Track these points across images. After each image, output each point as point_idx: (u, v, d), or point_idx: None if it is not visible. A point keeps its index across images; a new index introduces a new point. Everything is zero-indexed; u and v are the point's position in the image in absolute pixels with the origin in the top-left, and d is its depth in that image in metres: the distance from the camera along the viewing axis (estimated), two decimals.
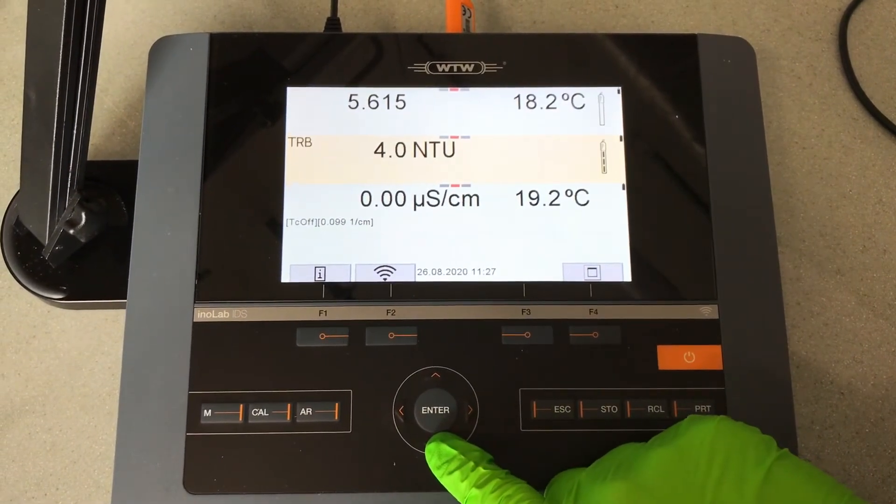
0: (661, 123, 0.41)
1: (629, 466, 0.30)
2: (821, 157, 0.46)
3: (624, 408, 0.37)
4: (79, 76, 0.35)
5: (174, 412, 0.37)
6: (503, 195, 0.40)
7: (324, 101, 0.41)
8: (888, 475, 0.40)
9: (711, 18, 0.49)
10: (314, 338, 0.38)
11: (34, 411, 0.42)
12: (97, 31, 0.35)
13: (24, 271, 0.42)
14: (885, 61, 0.48)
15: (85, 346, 0.43)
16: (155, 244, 0.39)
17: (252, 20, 0.49)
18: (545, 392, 0.37)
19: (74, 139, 0.37)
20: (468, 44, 0.42)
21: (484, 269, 0.39)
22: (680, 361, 0.38)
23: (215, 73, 0.41)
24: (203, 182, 0.39)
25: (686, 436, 0.30)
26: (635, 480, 0.29)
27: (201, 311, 0.38)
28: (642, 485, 0.29)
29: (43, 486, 0.40)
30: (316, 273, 0.39)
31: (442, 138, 0.41)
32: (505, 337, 0.38)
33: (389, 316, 0.38)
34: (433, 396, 0.37)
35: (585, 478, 0.32)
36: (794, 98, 0.47)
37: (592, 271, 0.39)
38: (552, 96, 0.41)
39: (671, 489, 0.29)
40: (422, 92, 0.41)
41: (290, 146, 0.40)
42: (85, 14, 0.34)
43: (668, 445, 0.30)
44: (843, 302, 0.43)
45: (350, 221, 0.39)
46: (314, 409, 0.37)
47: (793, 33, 0.49)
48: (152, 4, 0.49)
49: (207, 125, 0.40)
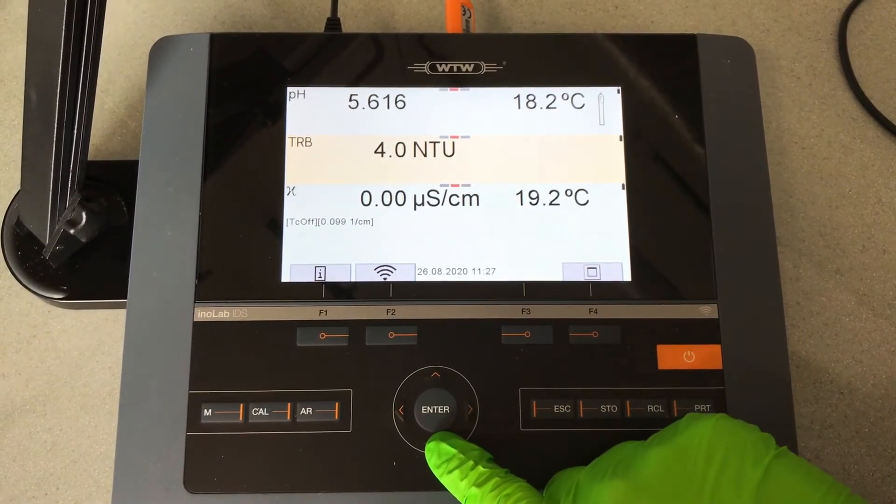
0: (661, 123, 0.41)
1: (627, 465, 0.30)
2: (820, 157, 0.46)
3: (624, 407, 0.37)
4: (79, 76, 0.35)
5: (174, 412, 0.37)
6: (503, 195, 0.40)
7: (324, 102, 0.41)
8: (888, 474, 0.40)
9: (711, 18, 0.49)
10: (314, 337, 0.38)
11: (35, 411, 0.42)
12: (98, 31, 0.35)
13: (25, 271, 0.42)
14: (884, 61, 0.48)
15: (85, 346, 0.43)
16: (155, 244, 0.39)
17: (252, 20, 0.49)
18: (545, 392, 0.37)
19: (75, 139, 0.37)
20: (468, 44, 0.42)
21: (484, 269, 0.39)
22: (680, 361, 0.38)
23: (215, 73, 0.41)
24: (203, 182, 0.39)
25: (684, 434, 0.30)
26: (634, 479, 0.29)
27: (201, 311, 0.38)
28: (641, 484, 0.29)
29: (43, 486, 0.41)
30: (316, 273, 0.39)
31: (442, 138, 0.41)
32: (505, 336, 0.38)
33: (389, 315, 0.38)
34: (433, 396, 0.37)
35: (584, 477, 0.32)
36: (793, 98, 0.48)
37: (592, 271, 0.39)
38: (552, 96, 0.41)
39: (670, 488, 0.29)
40: (422, 92, 0.41)
41: (290, 146, 0.40)
42: (85, 14, 0.34)
43: (667, 444, 0.30)
44: (843, 302, 0.43)
45: (350, 221, 0.39)
46: (314, 409, 0.37)
47: (792, 33, 0.49)
48: (153, 5, 0.49)
49: (208, 125, 0.40)
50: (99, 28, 0.35)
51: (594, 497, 0.30)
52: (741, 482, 0.28)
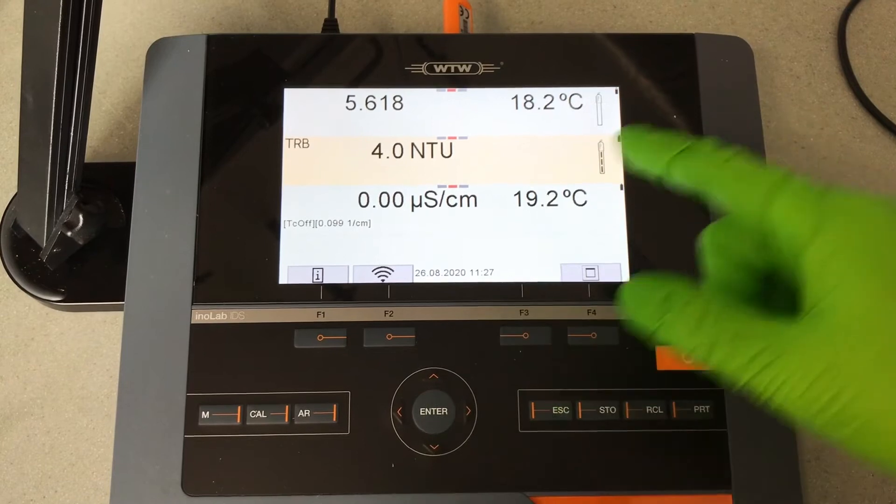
0: (659, 123, 0.41)
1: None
2: (819, 156, 0.46)
3: (622, 409, 0.37)
4: (76, 78, 0.35)
5: (172, 414, 0.37)
6: (501, 196, 0.40)
7: (321, 103, 0.41)
8: (888, 476, 0.40)
9: (710, 18, 0.49)
10: (312, 339, 0.38)
11: (32, 413, 0.42)
12: (94, 33, 0.35)
13: (22, 274, 0.42)
14: (883, 60, 0.48)
15: (83, 349, 0.43)
16: (152, 246, 0.39)
17: (249, 22, 0.49)
18: (543, 393, 0.37)
19: (72, 141, 0.37)
20: (466, 44, 0.42)
21: (482, 270, 0.39)
22: (678, 362, 0.38)
23: (213, 74, 0.41)
24: (200, 184, 0.39)
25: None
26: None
27: (199, 313, 0.38)
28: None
29: (41, 489, 0.40)
30: (314, 274, 0.39)
31: (439, 139, 0.41)
32: (503, 338, 0.38)
33: (387, 317, 0.38)
34: (431, 397, 0.37)
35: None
36: (792, 97, 0.47)
37: (591, 272, 0.39)
38: (550, 96, 0.41)
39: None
40: (419, 93, 0.41)
41: (287, 147, 0.40)
42: (81, 16, 0.34)
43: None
44: None
45: (348, 223, 0.39)
46: (312, 411, 0.37)
47: (791, 32, 0.49)
48: (150, 7, 0.49)
49: (205, 127, 0.40)
50: (95, 30, 0.35)
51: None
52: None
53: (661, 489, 0.36)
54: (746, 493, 0.36)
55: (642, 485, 0.36)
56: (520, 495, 0.36)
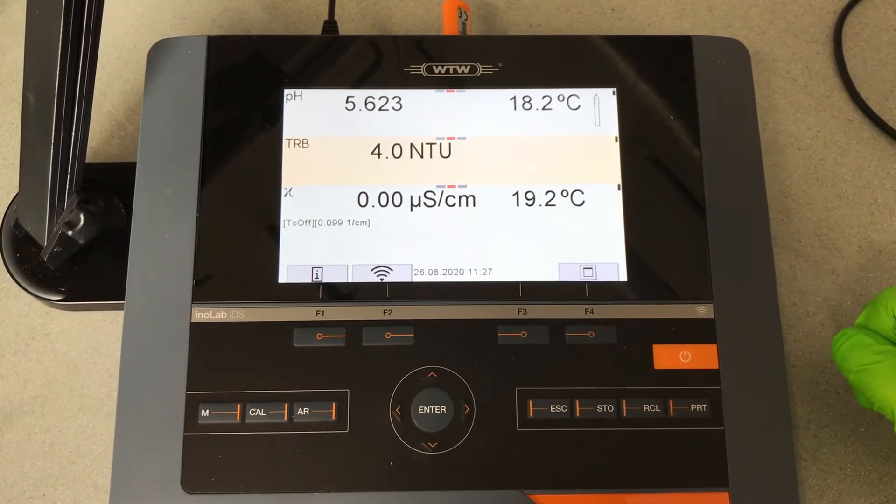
0: (657, 124, 0.41)
1: None
2: (816, 159, 0.46)
3: (620, 407, 0.37)
4: (77, 79, 0.36)
5: (172, 412, 0.37)
6: (499, 196, 0.40)
7: (321, 103, 0.41)
8: (885, 474, 0.40)
9: (707, 21, 0.49)
10: (311, 338, 0.38)
11: (33, 412, 0.42)
12: (95, 34, 0.36)
13: (23, 273, 0.42)
14: (879, 63, 0.49)
15: (83, 347, 0.43)
16: (153, 245, 0.39)
17: (250, 24, 0.49)
18: (541, 391, 0.37)
19: (73, 142, 0.37)
20: (464, 46, 0.42)
21: (480, 270, 0.39)
22: (676, 361, 0.38)
23: (213, 75, 0.41)
24: (201, 183, 0.40)
25: None
26: None
27: (199, 312, 0.38)
28: None
29: (41, 487, 0.41)
30: (313, 273, 0.39)
31: (438, 139, 0.41)
32: (501, 337, 0.38)
33: (386, 316, 0.38)
34: (430, 396, 0.37)
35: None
36: (789, 99, 0.48)
37: (588, 271, 0.39)
38: (548, 97, 0.41)
39: None
40: (418, 93, 0.41)
41: (287, 148, 0.40)
42: (83, 18, 0.34)
43: None
44: (839, 302, 0.44)
45: (347, 222, 0.40)
46: (311, 409, 0.37)
47: (788, 35, 0.49)
48: (151, 8, 0.49)
49: (205, 127, 0.40)
50: (97, 31, 0.36)
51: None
52: None
53: (658, 487, 0.36)
54: (743, 491, 0.36)
55: (640, 482, 0.36)
56: (518, 493, 0.36)
